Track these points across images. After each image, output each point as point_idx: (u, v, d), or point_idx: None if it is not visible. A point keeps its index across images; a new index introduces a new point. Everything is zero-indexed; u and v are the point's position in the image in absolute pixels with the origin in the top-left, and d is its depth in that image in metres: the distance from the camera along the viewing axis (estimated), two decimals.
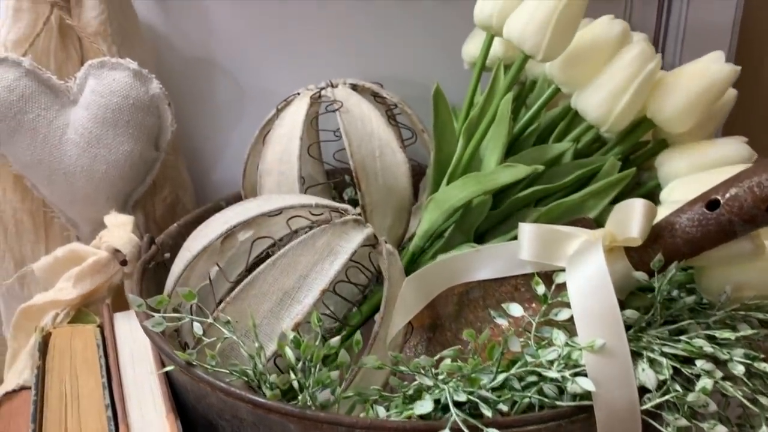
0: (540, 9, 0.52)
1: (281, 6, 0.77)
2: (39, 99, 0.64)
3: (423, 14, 0.79)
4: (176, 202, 0.77)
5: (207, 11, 0.76)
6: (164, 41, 0.77)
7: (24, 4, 0.65)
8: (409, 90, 0.82)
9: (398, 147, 0.64)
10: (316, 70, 0.80)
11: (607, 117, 0.54)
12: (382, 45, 0.80)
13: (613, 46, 0.55)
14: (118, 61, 0.64)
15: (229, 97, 0.80)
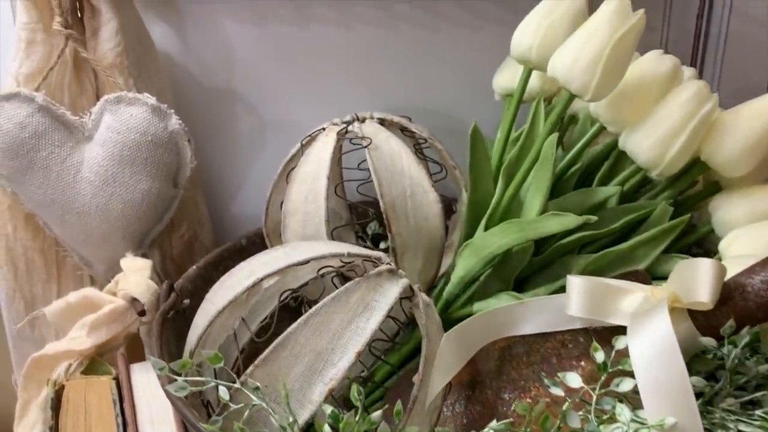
0: (589, 46, 0.48)
1: (305, 34, 0.74)
2: (52, 136, 0.61)
3: (451, 43, 0.76)
4: (194, 239, 0.73)
5: (227, 40, 0.73)
6: (182, 71, 0.74)
7: (38, 37, 0.62)
8: (438, 121, 0.79)
9: (430, 186, 0.60)
10: (341, 101, 0.77)
11: (660, 161, 0.50)
12: (409, 75, 0.77)
13: (663, 83, 0.52)
14: (135, 96, 0.61)
15: (250, 128, 0.77)
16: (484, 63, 0.76)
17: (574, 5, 0.56)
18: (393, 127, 0.66)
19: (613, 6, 0.49)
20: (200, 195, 0.74)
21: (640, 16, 0.48)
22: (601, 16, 0.49)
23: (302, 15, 0.73)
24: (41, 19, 0.62)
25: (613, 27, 0.48)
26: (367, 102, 0.77)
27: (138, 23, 0.66)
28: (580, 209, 0.54)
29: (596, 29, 0.48)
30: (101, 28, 0.62)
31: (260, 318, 0.57)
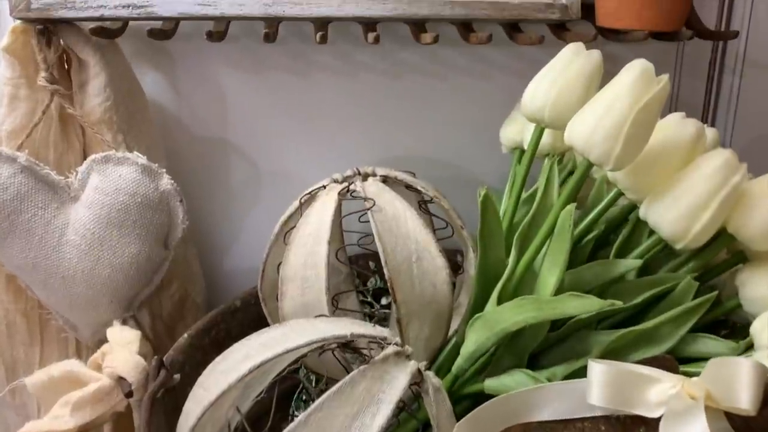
0: (610, 115, 0.45)
1: (305, 83, 0.71)
2: (36, 197, 0.57)
3: (458, 92, 0.73)
4: (185, 297, 0.70)
5: (223, 88, 0.70)
6: (175, 120, 0.71)
7: (21, 92, 0.59)
8: (444, 171, 0.76)
9: (437, 250, 0.57)
10: (341, 151, 0.74)
11: (685, 235, 0.47)
12: (413, 124, 0.74)
13: (686, 149, 0.49)
14: (124, 156, 0.58)
15: (245, 179, 0.74)
16: (492, 113, 0.73)
17: (589, 63, 0.54)
18: (397, 185, 0.63)
19: (635, 72, 0.46)
20: (192, 251, 0.71)
21: (664, 83, 0.45)
22: (622, 82, 0.46)
23: (303, 63, 0.70)
24: (26, 73, 0.58)
25: (636, 95, 0.45)
26: (369, 152, 0.74)
27: (128, 76, 0.63)
28: (599, 282, 0.51)
29: (617, 97, 0.45)
30: (89, 82, 0.59)
31: (255, 393, 0.53)
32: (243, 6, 0.58)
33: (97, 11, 0.56)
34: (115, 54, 0.61)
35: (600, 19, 0.63)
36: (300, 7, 0.59)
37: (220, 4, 0.58)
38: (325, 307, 0.56)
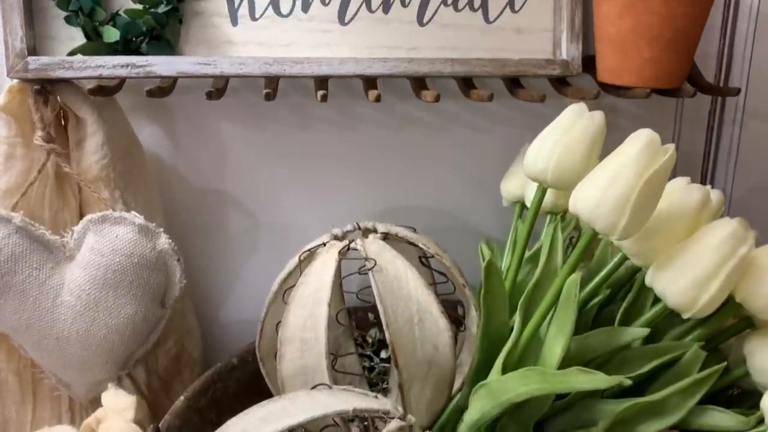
0: (615, 186, 0.45)
1: (304, 135, 0.70)
2: (30, 258, 0.56)
3: (457, 144, 0.72)
4: (181, 352, 0.68)
5: (221, 141, 0.70)
6: (173, 172, 0.70)
7: (17, 151, 0.58)
8: (444, 222, 0.76)
9: (439, 312, 0.56)
10: (340, 203, 0.73)
11: (692, 305, 0.46)
12: (413, 176, 0.73)
13: (692, 215, 0.48)
14: (121, 216, 0.57)
15: (242, 230, 0.73)
16: (492, 164, 0.72)
17: (592, 125, 0.53)
18: (398, 242, 0.62)
19: (640, 143, 0.45)
20: (188, 304, 0.69)
21: (670, 154, 0.45)
22: (628, 153, 0.45)
23: (302, 116, 0.69)
24: (22, 132, 0.58)
25: (641, 166, 0.44)
26: (370, 204, 0.74)
27: (126, 131, 0.62)
28: (605, 350, 0.50)
29: (623, 167, 0.45)
30: (86, 140, 0.58)
31: None
32: (243, 65, 0.58)
33: (96, 71, 0.55)
34: (112, 110, 0.60)
35: (601, 75, 0.63)
36: (300, 65, 0.59)
37: (220, 63, 0.57)
38: (325, 371, 0.55)
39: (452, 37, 0.63)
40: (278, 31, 0.60)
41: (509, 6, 0.64)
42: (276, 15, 0.60)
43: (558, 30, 0.64)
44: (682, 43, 0.59)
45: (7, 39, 0.54)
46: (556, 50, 0.64)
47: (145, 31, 0.56)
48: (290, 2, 0.60)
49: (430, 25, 0.63)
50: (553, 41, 0.65)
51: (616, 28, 0.59)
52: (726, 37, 0.73)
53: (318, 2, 0.61)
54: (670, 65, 0.59)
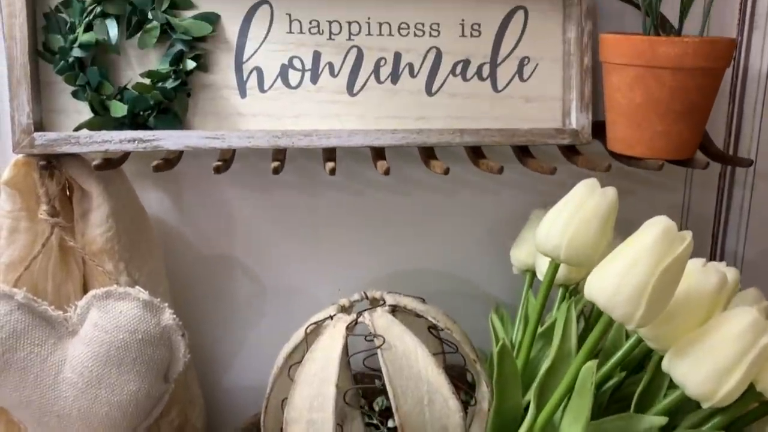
0: (632, 275, 0.44)
1: (312, 200, 0.70)
2: (32, 334, 0.55)
3: (466, 207, 0.72)
4: (185, 423, 0.67)
5: (228, 206, 0.69)
6: (178, 238, 0.69)
7: (21, 225, 0.57)
8: (453, 286, 0.75)
9: (449, 392, 0.54)
10: (348, 267, 0.72)
11: (712, 396, 0.45)
12: (421, 240, 0.72)
13: (710, 298, 0.47)
14: (126, 291, 0.56)
15: (248, 295, 0.72)
16: (501, 227, 0.72)
17: (605, 201, 0.52)
18: (407, 314, 0.61)
19: (656, 231, 0.44)
20: (192, 374, 0.68)
21: (687, 243, 0.44)
22: (644, 242, 0.44)
23: (310, 180, 0.69)
24: (26, 205, 0.57)
25: (658, 255, 0.43)
26: (378, 267, 0.73)
27: (132, 202, 0.61)
28: None
29: (639, 257, 0.44)
30: (91, 212, 0.58)
31: None
32: (252, 138, 0.57)
33: (102, 146, 0.55)
34: (118, 181, 0.60)
35: (611, 144, 0.62)
36: (309, 138, 0.58)
37: (229, 137, 0.57)
38: None
39: (461, 106, 0.63)
40: (287, 102, 0.60)
41: (518, 75, 0.63)
42: (285, 87, 0.60)
43: (567, 98, 0.63)
44: (694, 116, 0.58)
45: (14, 115, 0.53)
46: (566, 119, 0.64)
47: (153, 105, 0.56)
48: (299, 74, 0.60)
49: (439, 95, 0.63)
50: (563, 109, 0.64)
51: (626, 99, 0.58)
52: (735, 101, 0.73)
53: (327, 74, 0.60)
54: (681, 137, 0.59)
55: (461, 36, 0.62)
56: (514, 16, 0.63)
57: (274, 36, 0.59)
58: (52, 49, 0.55)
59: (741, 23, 0.71)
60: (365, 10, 0.60)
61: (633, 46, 0.57)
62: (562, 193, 0.61)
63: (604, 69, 0.61)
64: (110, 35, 0.55)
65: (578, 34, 0.62)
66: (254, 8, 0.58)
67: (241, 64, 0.59)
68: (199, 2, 0.57)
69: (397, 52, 0.61)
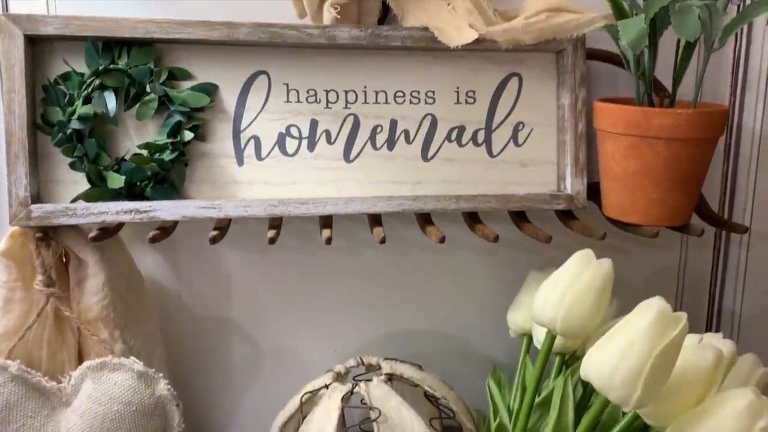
0: (628, 358, 0.44)
1: (309, 260, 0.70)
2: (25, 406, 0.55)
3: (463, 267, 0.72)
4: None
5: (225, 268, 0.69)
6: (175, 300, 0.69)
7: (17, 295, 0.57)
8: (449, 345, 0.74)
9: None
10: (344, 327, 0.72)
11: None
12: (418, 300, 0.72)
13: (707, 375, 0.47)
14: (120, 362, 0.56)
15: (244, 356, 0.71)
16: (498, 287, 0.72)
17: (600, 274, 0.52)
18: (403, 383, 0.61)
19: (652, 313, 0.44)
20: None
21: (683, 325, 0.44)
22: (640, 325, 0.44)
23: (306, 241, 0.69)
24: (22, 275, 0.57)
25: (654, 338, 0.43)
26: (375, 328, 0.73)
27: (128, 268, 0.61)
28: None
29: (635, 339, 0.44)
30: (87, 280, 0.58)
31: None
32: (248, 207, 0.57)
33: (99, 217, 0.55)
34: (114, 247, 0.60)
35: (607, 210, 0.62)
36: (306, 206, 0.58)
37: (225, 207, 0.57)
38: None
39: (457, 171, 0.63)
40: (284, 170, 0.60)
41: (512, 140, 0.64)
42: (282, 154, 0.60)
43: (562, 163, 0.64)
44: (688, 184, 0.59)
45: (11, 188, 0.54)
46: (561, 183, 0.64)
47: (150, 176, 0.56)
48: (296, 142, 0.60)
49: (435, 160, 0.63)
50: (558, 173, 0.65)
51: (621, 167, 0.59)
52: (730, 161, 0.73)
53: (324, 141, 0.61)
54: (676, 205, 0.59)
55: (456, 103, 0.63)
56: (508, 82, 0.64)
57: (272, 105, 0.60)
58: (50, 121, 0.55)
59: (734, 84, 0.72)
60: (362, 79, 0.61)
61: (627, 117, 0.57)
62: (560, 253, 0.61)
63: (599, 136, 0.61)
64: (108, 108, 0.55)
65: (572, 101, 0.63)
66: (252, 78, 0.59)
67: (238, 132, 0.59)
68: (197, 73, 0.58)
69: (393, 119, 0.62)
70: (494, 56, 0.63)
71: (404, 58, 0.61)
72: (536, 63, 0.64)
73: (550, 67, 0.64)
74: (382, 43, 0.59)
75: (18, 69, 0.53)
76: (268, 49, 0.59)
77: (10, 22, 0.52)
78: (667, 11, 0.56)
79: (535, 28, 0.58)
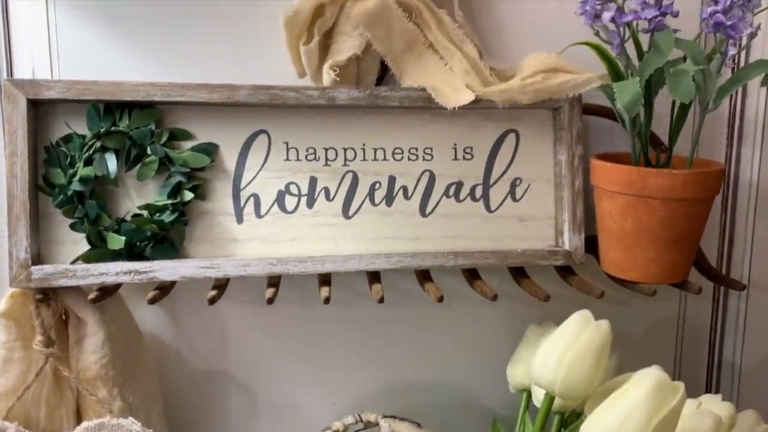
0: (627, 426, 0.43)
1: (303, 313, 0.70)
2: None
3: (461, 318, 0.72)
4: None
5: (222, 322, 0.69)
6: (173, 353, 0.69)
7: (16, 355, 0.57)
8: (446, 396, 0.74)
9: None
10: (342, 380, 0.72)
11: None
12: (416, 351, 0.72)
13: None
14: (119, 423, 0.55)
15: (242, 409, 0.71)
16: (496, 337, 0.72)
17: (598, 335, 0.52)
18: None
19: (649, 384, 0.44)
20: None
21: (681, 395, 0.44)
22: (638, 394, 0.44)
23: (304, 294, 0.69)
24: (22, 335, 0.57)
25: (651, 410, 0.43)
26: (373, 379, 0.72)
27: (127, 325, 0.61)
28: None
29: (633, 411, 0.44)
30: (86, 339, 0.58)
31: None
32: (247, 267, 0.58)
33: (99, 278, 0.55)
34: (114, 305, 0.60)
35: (604, 266, 0.63)
36: (305, 264, 0.59)
37: (224, 266, 0.57)
38: None
39: (455, 226, 0.64)
40: (283, 226, 0.61)
41: (510, 195, 0.64)
42: (281, 212, 0.60)
43: (560, 218, 0.64)
44: (685, 243, 0.59)
45: (11, 250, 0.54)
46: (559, 238, 0.64)
47: (150, 236, 0.56)
48: (295, 199, 0.61)
49: (433, 216, 0.63)
50: (556, 228, 0.65)
51: (618, 225, 0.59)
52: (727, 212, 0.74)
53: (323, 198, 0.61)
54: (674, 263, 0.59)
55: (454, 159, 0.63)
56: (505, 138, 0.64)
57: (272, 163, 0.60)
58: (51, 182, 0.56)
59: (730, 136, 0.72)
60: (360, 137, 0.62)
61: (623, 176, 0.58)
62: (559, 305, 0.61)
63: (596, 192, 0.62)
64: (109, 169, 0.56)
65: (569, 157, 0.63)
66: (252, 137, 0.60)
67: (238, 191, 0.60)
68: (198, 133, 0.59)
69: (391, 176, 0.62)
70: (491, 113, 0.63)
71: (402, 115, 0.62)
72: (533, 119, 0.64)
73: (546, 123, 0.65)
74: (380, 103, 0.60)
75: (21, 132, 0.54)
76: (268, 109, 0.60)
77: (14, 87, 0.53)
78: (662, 72, 0.57)
79: (531, 89, 0.59)
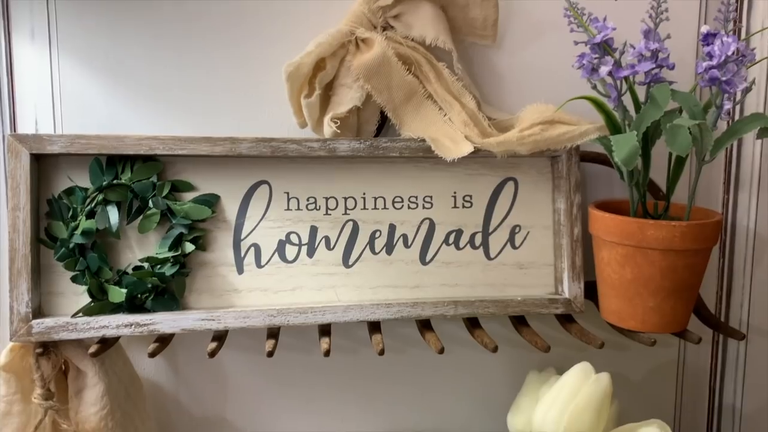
0: None
1: (303, 360, 0.69)
2: None
3: (461, 364, 0.72)
4: None
5: (222, 369, 0.69)
6: (172, 401, 0.69)
7: (15, 408, 0.57)
8: None
9: None
10: (340, 425, 0.71)
11: None
12: (416, 397, 0.72)
13: None
14: None
15: None
16: (497, 383, 0.72)
17: (599, 388, 0.53)
18: None
19: None
20: None
21: None
22: None
23: (304, 340, 0.69)
24: (21, 387, 0.57)
25: None
26: (372, 427, 0.72)
27: (127, 374, 0.61)
28: None
29: None
30: (86, 390, 0.58)
31: None
32: (247, 318, 0.58)
33: (99, 331, 0.55)
34: (114, 355, 0.60)
35: (604, 314, 0.63)
36: (305, 315, 0.59)
37: (224, 318, 0.57)
38: None
39: (455, 274, 0.64)
40: (283, 276, 0.61)
41: (509, 243, 0.65)
42: (281, 261, 0.61)
43: (559, 267, 0.64)
44: (685, 292, 0.59)
45: (12, 305, 0.54)
46: (558, 285, 0.65)
47: (151, 288, 0.56)
48: (296, 248, 0.61)
49: (433, 264, 0.64)
50: (555, 276, 0.65)
51: (617, 275, 0.59)
52: (725, 257, 0.74)
53: (323, 247, 0.61)
54: (673, 312, 0.59)
55: (453, 207, 0.64)
56: (504, 186, 0.65)
57: (273, 213, 0.60)
58: (53, 235, 0.56)
59: (726, 183, 0.73)
60: (361, 186, 0.62)
61: (622, 227, 0.58)
62: (560, 351, 0.61)
63: (594, 241, 0.62)
64: (111, 222, 0.56)
65: (567, 206, 0.64)
66: (253, 188, 0.60)
67: (239, 241, 0.60)
68: (199, 184, 0.59)
69: (391, 224, 0.63)
70: (490, 162, 0.64)
71: (402, 164, 0.63)
72: (532, 167, 0.65)
73: (545, 171, 0.65)
74: (380, 154, 0.60)
75: (23, 187, 0.54)
76: (270, 160, 0.60)
77: (17, 142, 0.54)
78: (658, 124, 0.57)
79: (529, 141, 0.60)
